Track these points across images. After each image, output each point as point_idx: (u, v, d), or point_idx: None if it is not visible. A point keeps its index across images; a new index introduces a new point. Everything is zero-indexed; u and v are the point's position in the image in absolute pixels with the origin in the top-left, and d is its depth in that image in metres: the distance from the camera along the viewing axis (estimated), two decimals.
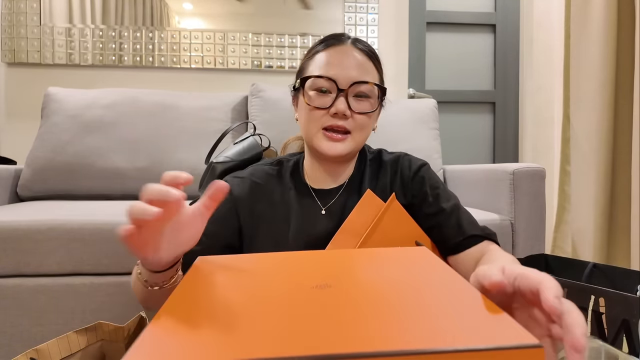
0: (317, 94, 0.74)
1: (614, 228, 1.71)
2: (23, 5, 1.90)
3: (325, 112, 0.74)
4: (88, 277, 1.06)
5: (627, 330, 0.63)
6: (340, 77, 0.73)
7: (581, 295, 0.69)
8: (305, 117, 0.76)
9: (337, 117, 0.73)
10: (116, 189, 1.52)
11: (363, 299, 0.37)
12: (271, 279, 0.45)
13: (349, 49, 0.76)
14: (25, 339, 1.04)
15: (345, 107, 0.73)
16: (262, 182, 0.80)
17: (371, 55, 0.78)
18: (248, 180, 0.80)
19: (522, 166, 1.25)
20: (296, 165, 0.85)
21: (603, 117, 1.68)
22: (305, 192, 0.81)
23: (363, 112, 0.74)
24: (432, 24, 2.29)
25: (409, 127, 1.68)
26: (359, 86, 0.73)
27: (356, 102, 0.74)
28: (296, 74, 0.83)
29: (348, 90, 0.73)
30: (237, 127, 1.48)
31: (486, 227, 0.78)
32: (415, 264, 0.47)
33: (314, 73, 0.75)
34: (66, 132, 1.52)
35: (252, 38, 2.03)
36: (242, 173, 0.83)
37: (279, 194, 0.80)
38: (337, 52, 0.76)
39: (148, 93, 1.66)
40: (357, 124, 0.75)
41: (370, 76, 0.75)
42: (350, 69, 0.74)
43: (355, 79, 0.73)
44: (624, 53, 1.68)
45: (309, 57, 0.79)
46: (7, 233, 1.03)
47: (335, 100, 0.73)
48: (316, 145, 0.75)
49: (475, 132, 2.35)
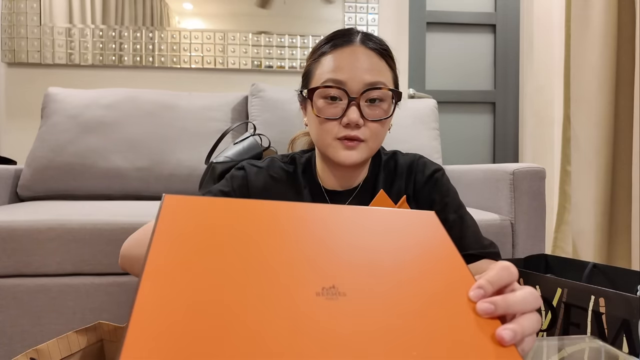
0: (326, 103, 0.70)
1: (614, 228, 1.70)
2: (23, 5, 1.91)
3: (337, 122, 0.69)
4: (88, 277, 1.06)
5: (627, 330, 0.63)
6: (351, 83, 0.68)
7: (581, 295, 0.70)
8: (317, 128, 0.72)
9: (350, 127, 0.69)
10: (116, 189, 1.52)
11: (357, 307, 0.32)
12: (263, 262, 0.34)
13: (358, 49, 0.70)
14: (25, 339, 1.04)
15: (358, 116, 0.68)
16: (278, 177, 0.79)
17: (383, 52, 0.72)
18: (265, 171, 0.78)
19: (522, 166, 1.25)
20: (308, 163, 0.82)
21: (603, 117, 1.68)
22: (317, 193, 0.79)
23: (377, 120, 0.70)
24: (432, 24, 2.28)
25: (409, 127, 1.68)
26: (372, 92, 0.69)
27: (369, 108, 0.70)
28: (302, 76, 0.78)
29: (360, 97, 0.68)
30: (237, 127, 1.48)
31: (491, 243, 0.75)
32: (418, 239, 0.40)
33: (321, 79, 0.70)
34: (66, 132, 1.52)
35: (252, 38, 2.03)
36: (260, 163, 0.80)
37: (293, 193, 0.78)
38: (345, 54, 0.70)
39: (148, 93, 1.66)
40: (371, 132, 0.70)
41: (383, 77, 0.70)
42: (361, 73, 0.68)
43: (367, 84, 0.68)
44: (625, 53, 1.67)
45: (315, 59, 0.74)
46: (7, 233, 1.03)
47: (346, 110, 0.68)
48: (331, 155, 0.72)
49: (475, 132, 2.35)
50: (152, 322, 0.26)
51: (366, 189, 0.79)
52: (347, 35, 0.72)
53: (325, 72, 0.70)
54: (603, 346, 0.54)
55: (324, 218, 0.40)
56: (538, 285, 0.77)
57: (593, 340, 0.57)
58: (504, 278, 0.36)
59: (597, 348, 0.54)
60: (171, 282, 0.29)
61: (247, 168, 0.79)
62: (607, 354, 0.53)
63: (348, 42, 0.71)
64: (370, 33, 0.75)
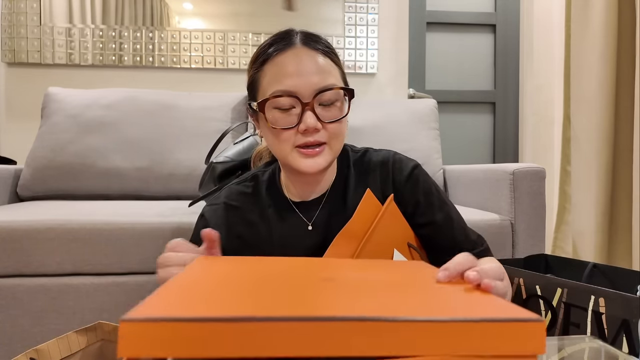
0: (279, 113, 0.67)
1: (614, 228, 1.70)
2: (23, 5, 1.90)
3: (294, 130, 0.67)
4: (88, 277, 1.06)
5: (627, 330, 0.63)
6: (301, 88, 0.65)
7: (581, 295, 0.69)
8: (273, 139, 0.69)
9: (308, 133, 0.66)
10: (116, 189, 1.52)
11: (364, 287, 0.39)
12: (275, 272, 0.45)
13: (301, 51, 0.67)
14: (25, 339, 1.04)
15: (315, 120, 0.66)
16: (238, 204, 0.76)
17: (327, 51, 0.70)
18: (222, 205, 0.76)
19: (522, 166, 1.25)
20: (272, 178, 0.79)
21: (604, 117, 1.68)
22: (286, 207, 0.76)
23: (334, 120, 0.67)
24: (432, 24, 2.28)
25: (409, 127, 1.68)
26: (324, 95, 0.66)
27: (324, 110, 0.67)
28: (247, 88, 0.74)
29: (313, 101, 0.66)
30: (237, 127, 1.48)
31: (479, 236, 0.76)
32: (417, 268, 0.49)
33: (269, 89, 0.67)
34: (66, 132, 1.52)
35: (252, 38, 2.03)
36: (216, 199, 0.78)
37: (257, 213, 0.76)
38: (289, 58, 0.67)
39: (148, 93, 1.66)
40: (330, 134, 0.68)
41: (332, 77, 0.68)
42: (309, 76, 0.66)
43: (318, 87, 0.66)
44: (625, 53, 1.67)
45: (257, 68, 0.70)
46: (7, 233, 1.03)
47: (301, 116, 0.66)
48: (293, 164, 0.69)
49: (475, 132, 2.35)
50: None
51: (336, 194, 0.76)
52: (286, 37, 0.69)
53: (273, 81, 0.67)
54: (603, 346, 0.54)
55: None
56: (538, 286, 0.77)
57: (593, 340, 0.57)
58: (464, 262, 0.44)
59: (597, 348, 0.54)
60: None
61: (206, 213, 0.77)
62: (607, 354, 0.53)
63: (289, 44, 0.68)
64: (309, 32, 0.72)
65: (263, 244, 0.74)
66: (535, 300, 0.76)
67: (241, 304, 0.31)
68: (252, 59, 0.73)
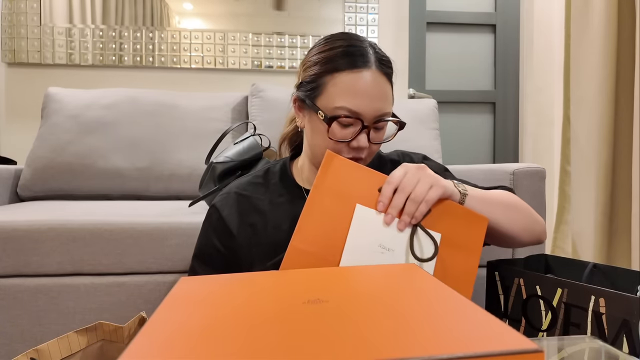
0: (338, 126, 0.71)
1: (614, 228, 1.70)
2: (23, 5, 1.90)
3: (346, 143, 0.72)
4: (88, 277, 1.06)
5: (627, 330, 0.63)
6: (366, 111, 0.70)
7: (581, 295, 0.70)
8: (321, 141, 0.73)
9: (356, 151, 0.72)
10: (116, 189, 1.52)
11: (356, 312, 0.37)
12: (259, 296, 0.43)
13: (374, 75, 0.71)
14: (25, 339, 1.04)
15: (367, 142, 0.72)
16: (248, 193, 0.79)
17: (391, 75, 0.75)
18: (233, 195, 0.79)
19: (522, 166, 1.25)
20: (284, 170, 0.83)
21: (603, 117, 1.68)
22: (299, 195, 0.79)
23: (379, 142, 0.75)
24: (432, 24, 2.29)
25: (409, 127, 1.66)
26: (382, 121, 0.73)
27: (375, 133, 0.73)
28: (308, 80, 0.75)
29: (372, 125, 0.71)
30: (237, 127, 1.48)
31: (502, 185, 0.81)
32: (405, 279, 0.47)
33: (337, 101, 0.70)
34: (66, 132, 1.52)
35: (252, 38, 2.03)
36: (226, 189, 0.81)
37: (267, 201, 0.78)
38: (363, 79, 0.70)
39: (148, 93, 1.66)
40: (371, 152, 0.75)
41: (390, 104, 0.74)
42: (375, 101, 0.70)
43: (380, 112, 0.71)
44: (625, 53, 1.67)
45: (328, 71, 0.72)
46: (7, 233, 1.03)
47: (357, 135, 0.71)
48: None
49: (475, 132, 2.35)
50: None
51: None
52: (364, 55, 0.71)
53: (342, 93, 0.70)
54: (603, 346, 0.54)
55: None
56: (538, 286, 0.77)
57: (593, 340, 0.57)
58: (391, 181, 0.61)
59: (597, 348, 0.54)
60: None
61: (217, 203, 0.79)
62: (607, 354, 0.53)
63: (365, 64, 0.71)
64: (381, 51, 0.75)
65: (275, 230, 0.76)
66: (535, 301, 0.76)
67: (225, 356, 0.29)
68: (322, 58, 0.73)
